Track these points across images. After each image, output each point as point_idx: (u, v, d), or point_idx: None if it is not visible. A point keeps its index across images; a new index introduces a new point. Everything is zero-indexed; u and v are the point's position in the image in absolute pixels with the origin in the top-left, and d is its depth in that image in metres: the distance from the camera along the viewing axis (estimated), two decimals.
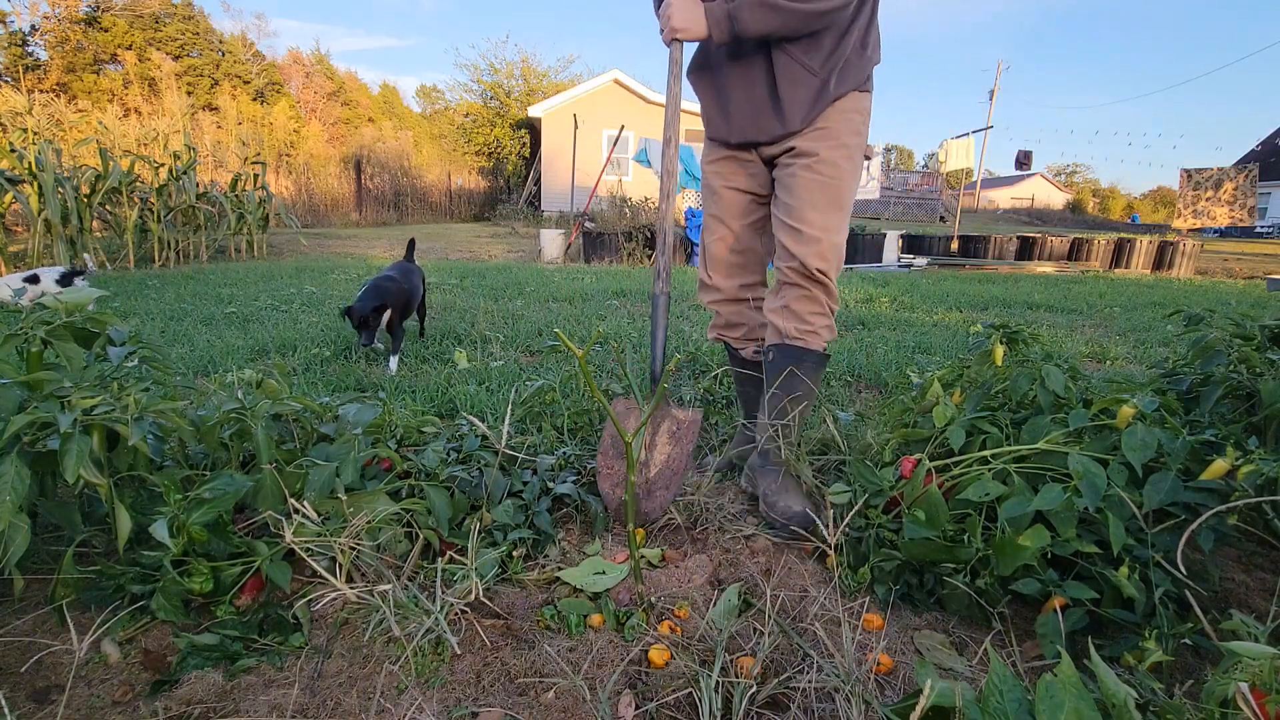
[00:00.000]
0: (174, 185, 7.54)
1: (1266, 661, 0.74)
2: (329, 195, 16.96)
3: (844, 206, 1.57)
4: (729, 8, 1.42)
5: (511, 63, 23.38)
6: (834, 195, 1.54)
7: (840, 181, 1.55)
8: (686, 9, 1.48)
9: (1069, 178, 61.78)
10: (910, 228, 16.60)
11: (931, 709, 0.72)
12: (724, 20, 1.44)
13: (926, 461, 1.32)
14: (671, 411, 1.58)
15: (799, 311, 1.57)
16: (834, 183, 1.54)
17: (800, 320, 1.57)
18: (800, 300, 1.57)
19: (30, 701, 0.98)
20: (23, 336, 1.23)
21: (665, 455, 1.52)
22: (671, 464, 1.51)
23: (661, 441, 1.54)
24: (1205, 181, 11.67)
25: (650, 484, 1.51)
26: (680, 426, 1.56)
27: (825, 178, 1.54)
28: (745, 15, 1.41)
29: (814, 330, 1.56)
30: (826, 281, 1.55)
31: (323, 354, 3.00)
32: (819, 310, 1.57)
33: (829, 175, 1.54)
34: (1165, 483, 1.13)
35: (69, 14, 21.95)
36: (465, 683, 1.02)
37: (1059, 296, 5.83)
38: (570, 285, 5.60)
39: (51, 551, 1.29)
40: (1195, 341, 1.67)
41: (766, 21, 1.41)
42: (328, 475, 1.26)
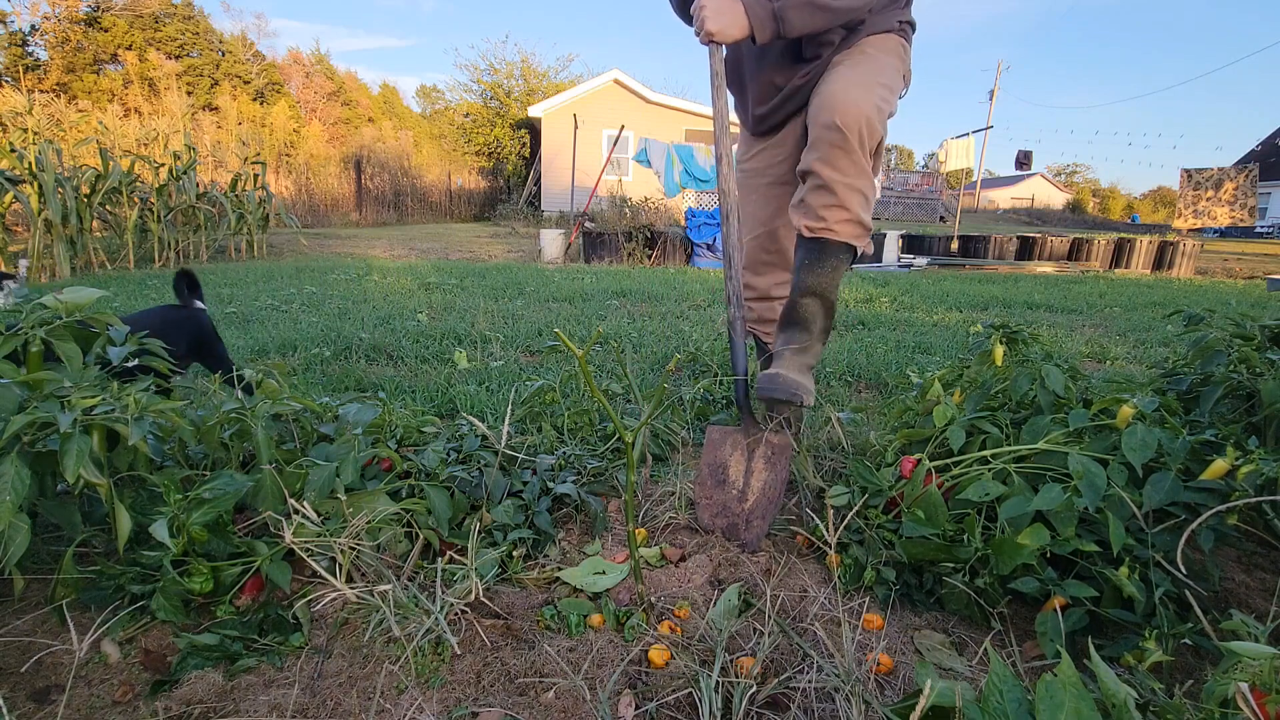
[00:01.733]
0: (174, 185, 7.55)
1: (1266, 661, 0.74)
2: (329, 195, 16.96)
3: (877, 80, 1.42)
4: (774, 7, 1.35)
5: (511, 63, 23.40)
6: (865, 70, 1.43)
7: (870, 65, 1.44)
8: (723, 7, 1.38)
9: (1069, 178, 61.79)
10: (910, 228, 16.60)
11: (931, 709, 0.72)
12: (769, 20, 1.37)
13: (926, 461, 1.32)
14: (766, 436, 1.48)
15: (810, 205, 1.44)
16: (865, 60, 1.44)
17: (811, 215, 1.44)
18: (813, 189, 1.43)
19: (30, 701, 0.98)
20: (23, 336, 1.23)
21: (762, 482, 1.44)
22: (768, 492, 1.42)
23: (758, 468, 1.45)
24: (1205, 181, 11.68)
25: (749, 514, 1.42)
26: (774, 451, 1.46)
27: (855, 59, 1.45)
28: (793, 16, 1.34)
29: (827, 226, 1.42)
30: (848, 142, 1.36)
31: (323, 354, 3.00)
32: (833, 202, 1.41)
33: (860, 56, 1.45)
34: (1165, 483, 1.13)
35: (69, 14, 21.95)
36: (465, 683, 1.02)
37: (1059, 296, 5.83)
38: (570, 285, 5.60)
39: (51, 551, 1.29)
40: (1195, 341, 1.67)
41: (815, 21, 1.36)
42: (328, 475, 1.26)
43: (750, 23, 1.38)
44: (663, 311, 4.40)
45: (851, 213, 1.41)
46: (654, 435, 1.93)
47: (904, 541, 1.25)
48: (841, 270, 1.48)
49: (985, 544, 1.18)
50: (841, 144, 1.36)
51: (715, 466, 1.50)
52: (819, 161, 1.40)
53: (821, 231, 1.43)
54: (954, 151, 12.18)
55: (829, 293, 1.50)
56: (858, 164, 1.38)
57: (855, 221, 1.42)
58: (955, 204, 16.24)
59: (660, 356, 3.05)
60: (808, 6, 1.33)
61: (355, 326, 3.61)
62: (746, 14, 1.38)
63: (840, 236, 1.43)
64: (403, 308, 4.30)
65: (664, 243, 8.58)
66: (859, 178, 1.39)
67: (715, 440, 1.52)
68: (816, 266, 1.46)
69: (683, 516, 1.55)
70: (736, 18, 1.38)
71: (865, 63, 1.46)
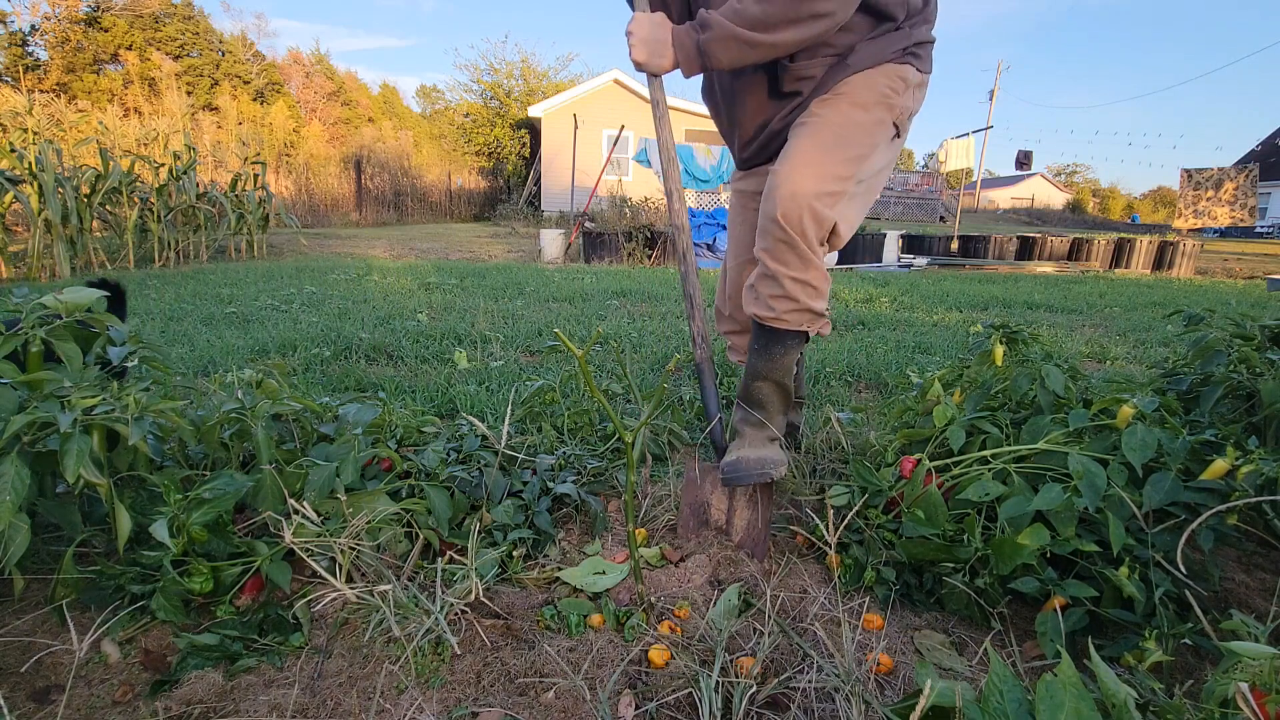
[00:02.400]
0: (174, 185, 7.54)
1: (1266, 661, 0.74)
2: (329, 195, 16.97)
3: (839, 153, 1.32)
4: (699, 40, 1.29)
5: (511, 63, 23.41)
6: (827, 141, 1.32)
7: (838, 127, 1.33)
8: (650, 38, 1.32)
9: (1069, 178, 61.81)
10: (910, 228, 16.61)
11: (931, 709, 0.72)
12: (694, 54, 1.31)
13: (926, 461, 1.32)
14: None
15: (759, 291, 1.40)
16: (828, 126, 1.33)
17: (760, 302, 1.40)
18: (760, 277, 1.39)
19: (30, 701, 0.98)
20: (23, 336, 1.23)
21: (745, 521, 1.43)
22: (752, 531, 1.42)
23: (740, 505, 1.44)
24: (1205, 181, 11.68)
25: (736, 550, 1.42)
26: (757, 491, 1.45)
27: (816, 123, 1.34)
28: (716, 50, 1.28)
29: (777, 317, 1.38)
30: (790, 237, 1.30)
31: (323, 354, 3.00)
32: (778, 293, 1.36)
33: (822, 120, 1.34)
34: (1165, 483, 1.13)
35: (69, 14, 21.96)
36: (465, 683, 1.02)
37: (1059, 296, 5.84)
38: (570, 285, 5.60)
39: (51, 551, 1.29)
40: (1195, 341, 1.67)
41: (741, 55, 1.28)
42: (328, 475, 1.26)
43: (676, 55, 1.32)
44: (663, 311, 4.40)
45: (799, 303, 1.37)
46: (654, 435, 1.93)
47: (904, 542, 1.25)
48: (793, 355, 1.46)
49: (985, 544, 1.18)
50: (785, 239, 1.31)
51: (697, 506, 1.49)
52: (764, 252, 1.36)
53: (771, 320, 1.40)
54: (954, 151, 12.19)
55: (782, 377, 1.48)
56: (803, 257, 1.33)
57: (804, 310, 1.38)
58: (955, 204, 16.25)
59: (660, 356, 3.05)
60: (731, 40, 1.25)
61: (355, 326, 3.61)
62: (673, 45, 1.32)
63: (789, 325, 1.39)
64: (403, 308, 4.31)
65: (664, 243, 8.59)
66: (805, 270, 1.34)
67: (695, 479, 1.50)
68: (765, 352, 1.45)
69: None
70: (663, 49, 1.33)
71: (829, 129, 1.34)
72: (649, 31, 1.32)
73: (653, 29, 1.32)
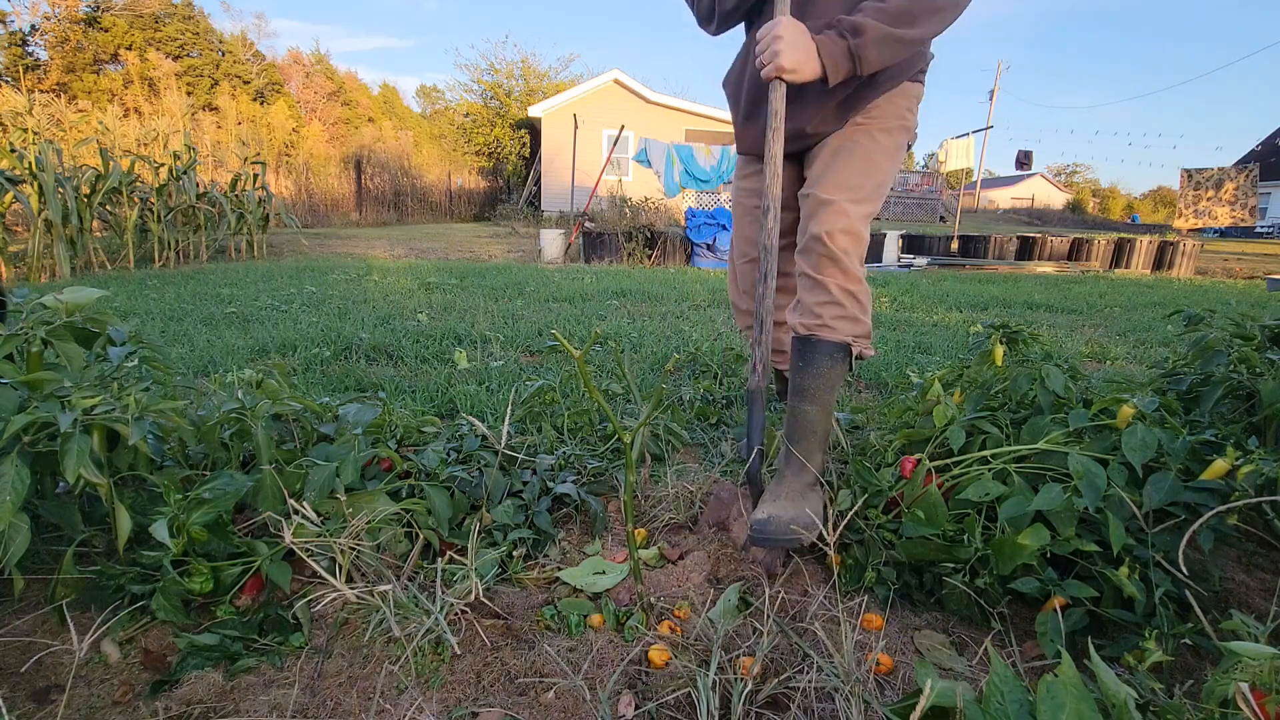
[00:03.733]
0: (174, 185, 7.54)
1: (1266, 661, 0.74)
2: (329, 195, 16.97)
3: (872, 176, 1.40)
4: (850, 45, 1.25)
5: (511, 63, 23.42)
6: (862, 163, 1.39)
7: (870, 151, 1.40)
8: (800, 45, 1.27)
9: (1069, 178, 61.80)
10: (910, 228, 16.60)
11: (931, 709, 0.72)
12: (844, 60, 1.26)
13: (927, 462, 1.32)
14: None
15: (805, 303, 1.42)
16: (861, 150, 1.40)
17: (807, 313, 1.41)
18: (807, 288, 1.42)
19: (30, 701, 0.98)
20: (23, 336, 1.23)
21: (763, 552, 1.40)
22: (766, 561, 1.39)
23: None
24: (1206, 181, 11.68)
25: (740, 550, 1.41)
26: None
27: (852, 148, 1.40)
28: (871, 53, 1.24)
29: (824, 323, 1.39)
30: (836, 254, 1.36)
31: (323, 354, 3.00)
32: (826, 299, 1.38)
33: (857, 146, 1.40)
34: (1165, 482, 1.13)
35: (69, 14, 21.96)
36: (465, 683, 1.02)
37: (1059, 296, 5.84)
38: (570, 285, 5.60)
39: (51, 551, 1.29)
40: (1195, 341, 1.67)
41: (894, 54, 1.27)
42: (328, 475, 1.26)
43: (823, 64, 1.27)
44: (662, 311, 4.40)
45: (846, 309, 1.39)
46: (653, 435, 1.93)
47: (904, 542, 1.25)
48: (838, 372, 1.42)
49: (985, 544, 1.18)
50: (830, 255, 1.37)
51: (717, 524, 1.49)
52: (810, 268, 1.41)
53: (817, 328, 1.40)
54: (954, 151, 12.19)
55: (827, 399, 1.43)
56: (848, 271, 1.39)
57: (850, 318, 1.40)
58: (955, 204, 16.25)
59: (660, 356, 3.06)
60: (887, 41, 1.23)
61: (355, 326, 3.61)
62: (819, 54, 1.27)
63: (836, 334, 1.39)
64: (403, 308, 4.31)
65: (664, 243, 8.59)
66: (851, 282, 1.39)
67: (724, 500, 1.49)
68: (810, 368, 1.42)
69: (682, 516, 1.56)
70: (810, 56, 1.27)
71: (863, 156, 1.40)
72: (799, 39, 1.27)
73: (801, 36, 1.28)
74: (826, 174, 1.41)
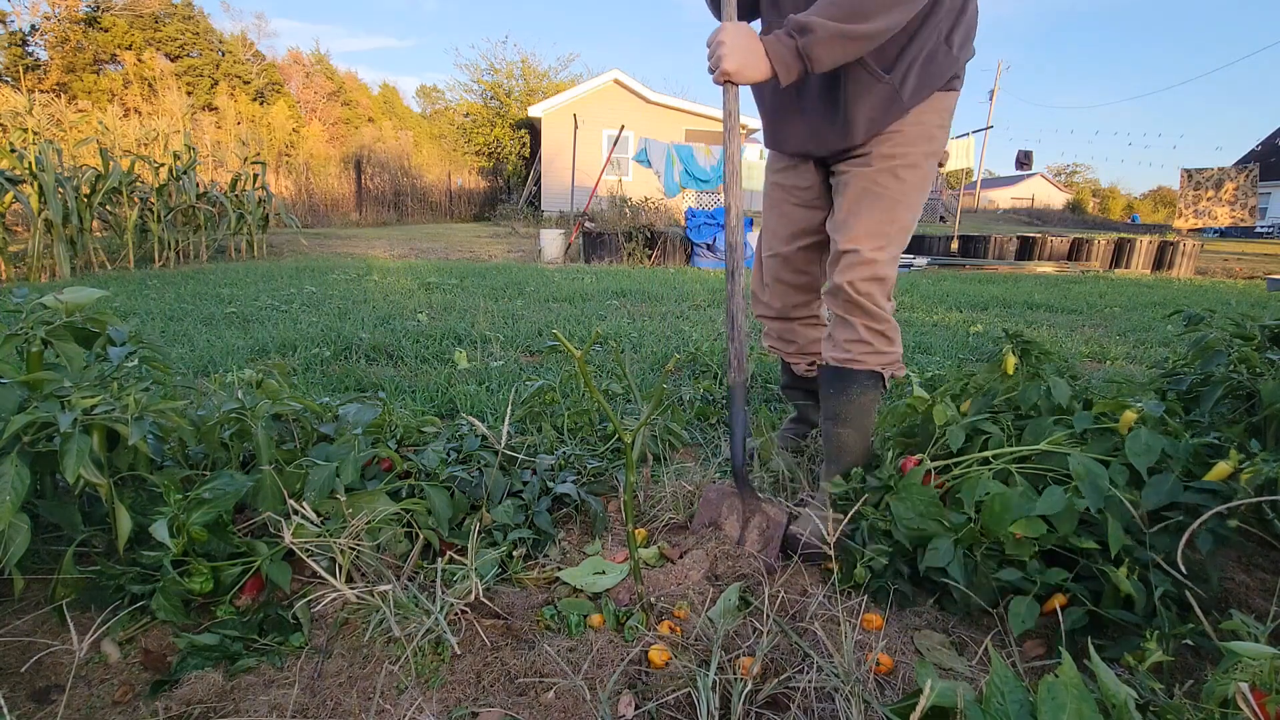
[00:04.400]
0: (174, 185, 7.54)
1: (1266, 661, 0.74)
2: (329, 195, 16.97)
3: (896, 220, 1.42)
4: (798, 44, 1.22)
5: (511, 63, 23.42)
6: (886, 209, 1.40)
7: (896, 195, 1.40)
8: (742, 47, 1.25)
9: (1069, 178, 61.79)
10: None
11: (931, 709, 0.72)
12: (793, 60, 1.24)
13: (928, 461, 1.32)
14: (762, 506, 1.44)
15: (835, 338, 1.49)
16: (887, 194, 1.40)
17: (837, 347, 1.49)
18: (837, 325, 1.49)
19: (30, 701, 0.98)
20: (23, 336, 1.23)
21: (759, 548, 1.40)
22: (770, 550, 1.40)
23: (752, 538, 1.41)
24: (1206, 181, 11.68)
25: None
26: (769, 526, 1.41)
27: (877, 193, 1.40)
28: (820, 52, 1.21)
29: (853, 358, 1.45)
30: (860, 301, 1.42)
31: (323, 354, 3.00)
32: (854, 337, 1.45)
33: (883, 192, 1.40)
34: (1165, 484, 1.13)
35: (69, 14, 21.96)
36: (465, 683, 1.02)
37: (1059, 296, 5.84)
38: (570, 285, 5.60)
39: (51, 551, 1.29)
40: (1195, 341, 1.67)
41: (845, 52, 1.23)
42: (328, 475, 1.26)
43: (772, 65, 1.25)
44: (663, 311, 4.40)
45: (873, 346, 1.46)
46: (653, 435, 1.93)
47: (896, 515, 1.26)
48: (870, 397, 1.48)
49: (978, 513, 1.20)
50: (856, 302, 1.43)
51: (710, 525, 1.49)
52: (838, 310, 1.48)
53: (846, 362, 1.47)
54: (954, 151, 12.17)
55: (862, 422, 1.50)
56: (873, 313, 1.45)
57: (878, 352, 1.46)
58: (955, 204, 16.24)
59: (660, 356, 3.05)
60: (836, 40, 1.20)
61: (355, 326, 3.61)
62: (767, 54, 1.24)
63: (864, 365, 1.47)
64: (403, 308, 4.31)
65: (664, 243, 8.59)
66: (877, 321, 1.45)
67: (712, 500, 1.50)
68: (843, 394, 1.49)
69: (682, 516, 1.56)
70: (756, 58, 1.25)
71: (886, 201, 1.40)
72: (740, 41, 1.26)
73: (744, 39, 1.26)
74: (851, 220, 1.43)
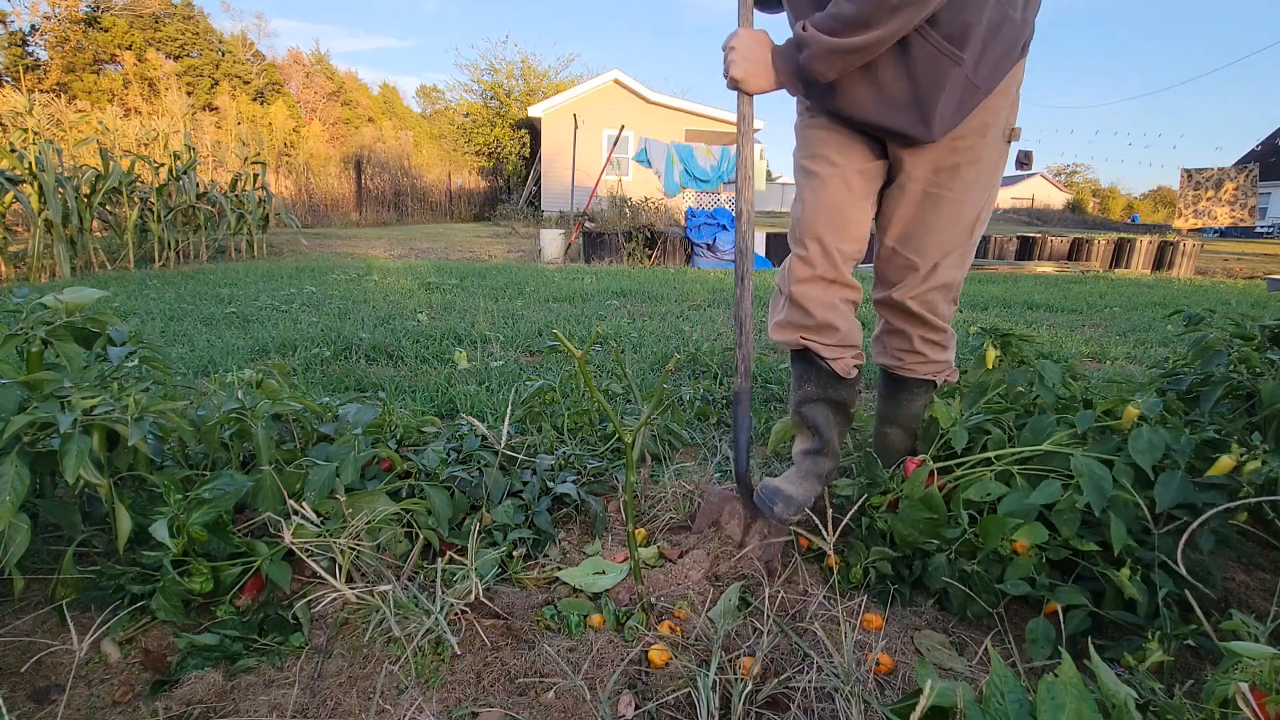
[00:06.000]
0: (174, 185, 7.54)
1: (1266, 661, 0.74)
2: (329, 195, 16.97)
3: (960, 224, 1.34)
4: (799, 60, 1.21)
5: (511, 63, 23.42)
6: (950, 217, 1.33)
7: (959, 203, 1.32)
8: (750, 56, 1.26)
9: (1069, 178, 61.74)
10: None
11: (931, 709, 0.72)
12: (797, 75, 1.24)
13: (930, 462, 1.32)
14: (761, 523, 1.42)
15: (889, 346, 1.48)
16: (950, 204, 1.32)
17: (890, 355, 1.49)
18: (889, 333, 1.47)
19: (30, 701, 0.98)
20: (23, 336, 1.23)
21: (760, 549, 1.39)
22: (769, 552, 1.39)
23: (753, 542, 1.40)
24: (1206, 181, 11.68)
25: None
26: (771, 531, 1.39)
27: (940, 198, 1.32)
28: (819, 67, 1.20)
29: (904, 365, 1.46)
30: (919, 313, 1.39)
31: (323, 354, 2.99)
32: (907, 348, 1.44)
33: (946, 196, 1.32)
34: (1174, 482, 1.13)
35: (69, 14, 21.95)
36: (465, 683, 1.02)
37: (1059, 296, 5.83)
38: (570, 285, 5.60)
39: (51, 551, 1.29)
40: (1195, 341, 1.67)
41: (844, 64, 1.20)
42: (328, 475, 1.26)
43: (778, 77, 1.27)
44: (662, 311, 4.40)
45: (926, 357, 1.46)
46: (654, 435, 1.93)
47: (894, 521, 1.26)
48: (921, 401, 1.49)
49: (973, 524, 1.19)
50: (911, 313, 1.41)
51: (712, 527, 1.49)
52: (895, 319, 1.46)
53: (897, 369, 1.49)
54: None
55: (910, 423, 1.52)
56: (931, 323, 1.43)
57: (930, 361, 1.46)
58: None
59: (660, 356, 3.05)
60: (834, 53, 1.18)
61: (355, 326, 3.61)
62: (773, 67, 1.26)
63: (916, 375, 1.47)
64: (403, 308, 4.31)
65: (664, 243, 8.59)
66: (935, 333, 1.44)
67: (714, 503, 1.49)
68: (893, 399, 1.51)
69: (682, 516, 1.56)
70: (764, 68, 1.26)
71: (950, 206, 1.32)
72: (750, 50, 1.26)
73: (754, 47, 1.26)
74: (914, 230, 1.36)
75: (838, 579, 1.30)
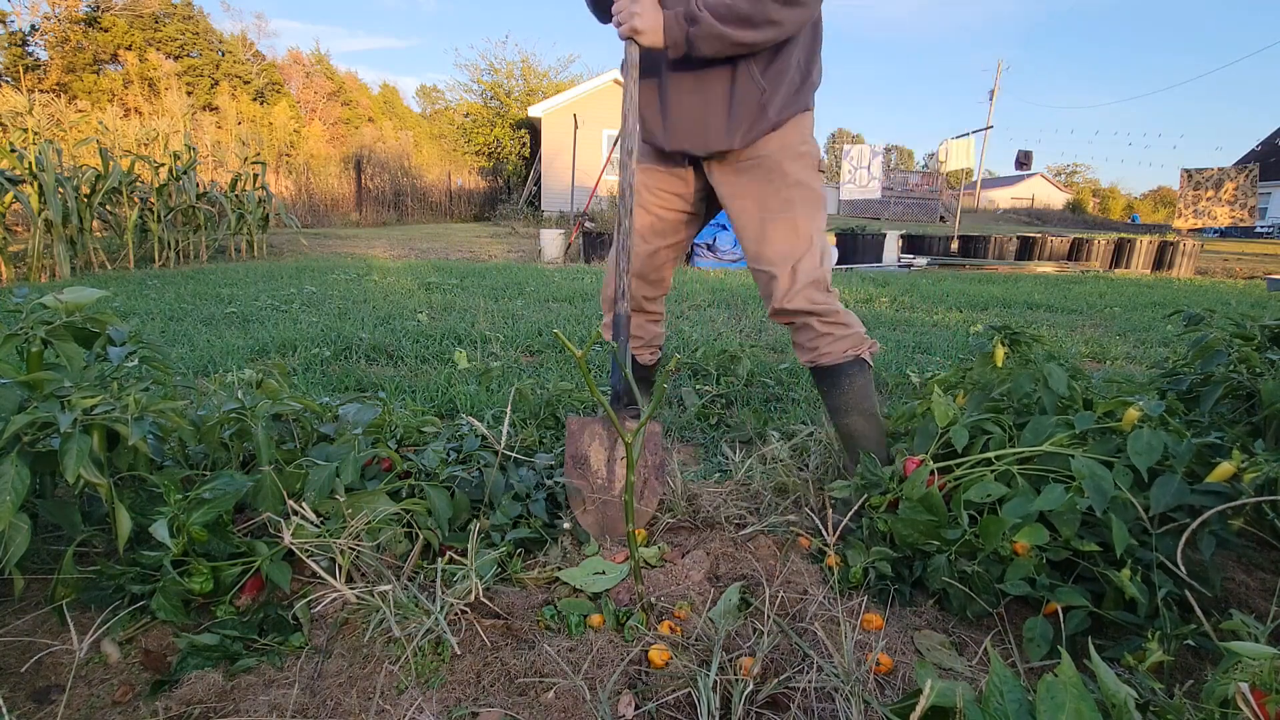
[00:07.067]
0: (174, 185, 7.53)
1: (1266, 661, 0.74)
2: (329, 195, 16.95)
3: (802, 228, 1.52)
4: (688, 33, 1.39)
5: (511, 63, 23.36)
6: (787, 227, 1.52)
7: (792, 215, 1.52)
8: (648, 14, 1.41)
9: (1069, 178, 61.78)
10: (910, 228, 16.60)
11: (931, 709, 0.72)
12: (682, 42, 1.41)
13: (930, 462, 1.32)
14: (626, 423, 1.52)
15: (799, 342, 1.59)
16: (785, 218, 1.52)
17: (804, 350, 1.58)
18: (796, 332, 1.58)
19: (30, 701, 0.98)
20: (23, 336, 1.23)
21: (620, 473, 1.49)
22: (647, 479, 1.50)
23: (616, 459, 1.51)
24: (1206, 181, 11.68)
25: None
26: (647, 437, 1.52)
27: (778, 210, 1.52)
28: (701, 45, 1.38)
29: (821, 352, 1.55)
30: (801, 310, 1.52)
31: (323, 354, 2.99)
32: (814, 336, 1.55)
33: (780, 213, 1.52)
34: (1171, 485, 1.13)
35: (69, 14, 21.96)
36: (465, 683, 1.02)
37: (1059, 296, 5.83)
38: (570, 285, 5.60)
39: (51, 551, 1.29)
40: (1195, 341, 1.67)
41: (722, 50, 1.40)
42: (328, 475, 1.26)
43: (665, 39, 1.42)
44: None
45: (836, 335, 1.54)
46: None
47: (894, 521, 1.26)
48: (863, 380, 1.56)
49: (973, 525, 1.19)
50: (799, 311, 1.52)
51: (578, 458, 1.52)
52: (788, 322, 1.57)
53: (818, 358, 1.56)
54: (954, 152, 12.17)
55: (867, 408, 1.56)
56: (820, 312, 1.53)
57: (841, 339, 1.54)
58: (955, 204, 16.24)
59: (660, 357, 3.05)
60: (718, 38, 1.37)
61: (355, 326, 3.61)
62: (664, 29, 1.41)
63: (839, 358, 1.54)
64: (403, 308, 4.31)
65: None
66: (829, 315, 1.53)
67: (574, 432, 1.54)
68: (836, 388, 1.56)
69: (682, 516, 1.55)
70: (658, 28, 1.42)
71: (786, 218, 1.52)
72: (649, 10, 1.42)
73: (653, 10, 1.42)
74: (765, 246, 1.54)
75: (838, 579, 1.30)
